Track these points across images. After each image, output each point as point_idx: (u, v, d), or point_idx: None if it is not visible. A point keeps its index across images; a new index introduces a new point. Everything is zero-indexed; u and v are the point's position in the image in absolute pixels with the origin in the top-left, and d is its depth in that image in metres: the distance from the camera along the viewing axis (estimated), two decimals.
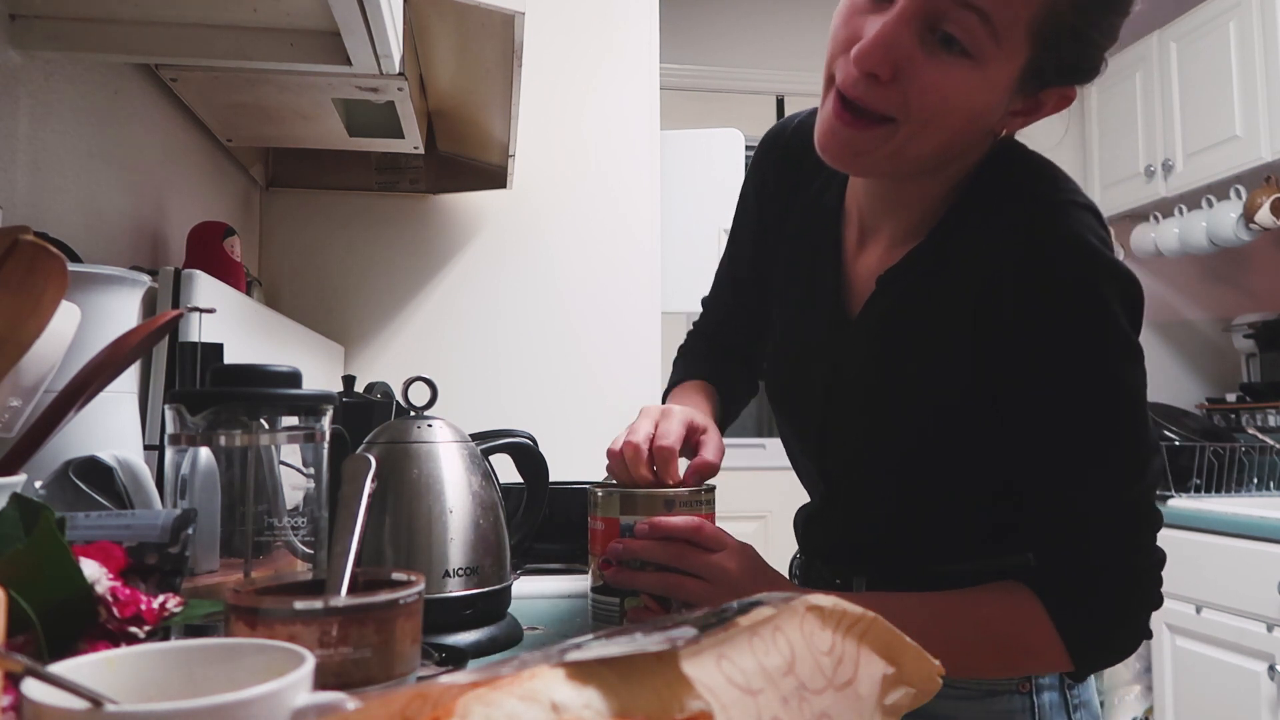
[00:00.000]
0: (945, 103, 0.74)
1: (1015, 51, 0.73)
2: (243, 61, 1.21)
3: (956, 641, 0.79)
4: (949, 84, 0.73)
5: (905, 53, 0.72)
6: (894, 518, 0.91)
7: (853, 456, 0.92)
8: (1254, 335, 3.33)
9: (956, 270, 0.81)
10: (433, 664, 0.71)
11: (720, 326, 1.15)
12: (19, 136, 1.08)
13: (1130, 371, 0.78)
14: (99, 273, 0.87)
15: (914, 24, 0.72)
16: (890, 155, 0.78)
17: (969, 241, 0.81)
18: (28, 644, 0.49)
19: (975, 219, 0.82)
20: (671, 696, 0.38)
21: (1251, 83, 2.82)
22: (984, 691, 0.89)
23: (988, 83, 0.74)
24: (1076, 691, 0.90)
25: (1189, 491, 2.80)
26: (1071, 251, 0.76)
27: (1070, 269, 0.76)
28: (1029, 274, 0.76)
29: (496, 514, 0.86)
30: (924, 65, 0.72)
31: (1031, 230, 0.77)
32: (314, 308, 2.13)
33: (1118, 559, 0.79)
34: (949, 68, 0.73)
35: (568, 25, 2.25)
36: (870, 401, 0.89)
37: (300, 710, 0.39)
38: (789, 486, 1.09)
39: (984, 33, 0.71)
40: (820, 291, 0.95)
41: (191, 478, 0.75)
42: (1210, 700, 2.49)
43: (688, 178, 2.39)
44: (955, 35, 0.71)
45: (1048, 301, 0.76)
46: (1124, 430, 0.78)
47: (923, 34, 0.72)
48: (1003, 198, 0.81)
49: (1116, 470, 0.78)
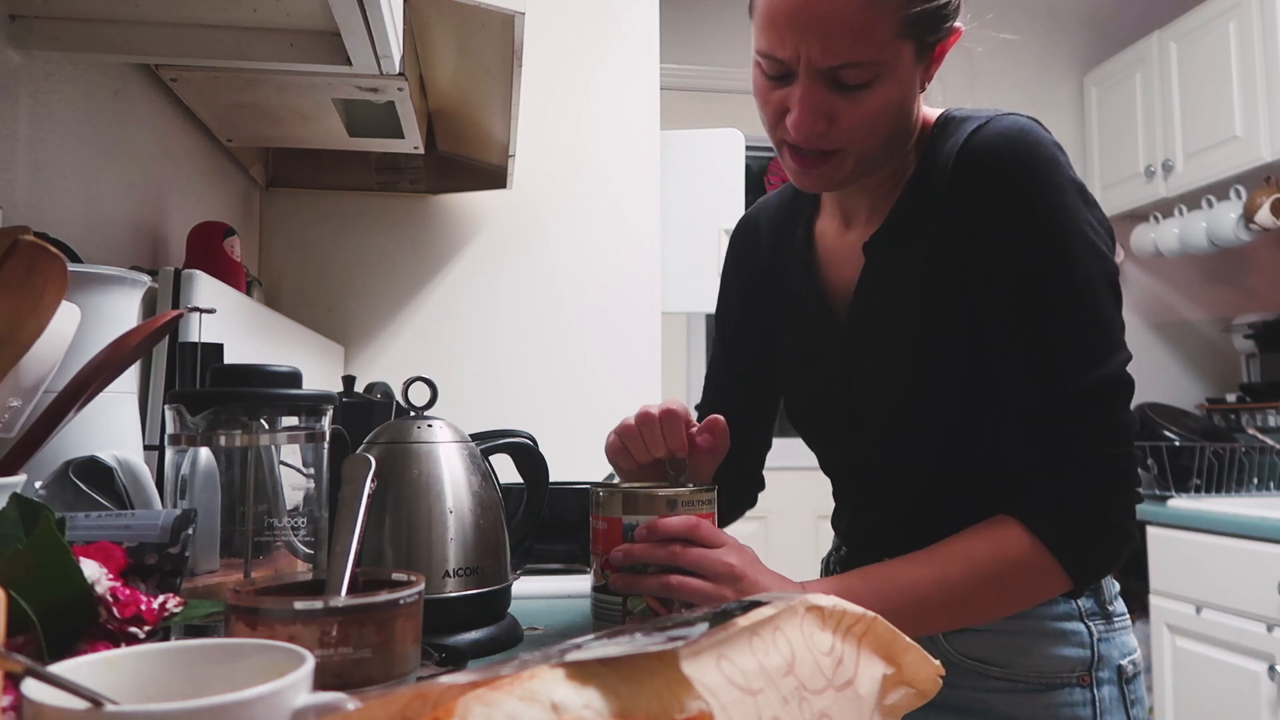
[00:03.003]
0: (875, 121, 0.86)
1: (901, 52, 0.84)
2: (243, 61, 1.21)
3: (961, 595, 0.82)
4: (871, 108, 0.85)
5: (828, 106, 0.85)
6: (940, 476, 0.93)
7: (888, 428, 0.94)
8: (1254, 335, 3.33)
9: (928, 214, 0.89)
10: (433, 664, 0.71)
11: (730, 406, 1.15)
12: (19, 136, 1.08)
13: (1078, 244, 0.83)
14: (99, 273, 0.87)
15: (821, 84, 0.84)
16: (853, 168, 0.89)
17: (932, 184, 0.89)
18: (28, 644, 0.49)
19: (933, 167, 0.90)
20: (671, 696, 0.38)
21: (1251, 83, 2.82)
22: (1044, 685, 0.90)
23: (897, 84, 0.85)
24: (1133, 687, 0.92)
25: (1189, 491, 2.80)
26: (1004, 129, 0.86)
27: (1005, 140, 0.85)
28: (970, 165, 0.86)
29: (496, 514, 0.86)
30: (846, 107, 0.85)
31: (967, 138, 0.87)
32: (314, 308, 2.13)
33: (1085, 447, 0.82)
34: (863, 98, 0.84)
35: (568, 25, 2.25)
36: (887, 366, 0.92)
37: (300, 710, 0.39)
38: (789, 487, 1.10)
39: (870, 68, 0.83)
40: (814, 289, 1.00)
41: (191, 478, 0.75)
42: (1210, 700, 2.49)
43: (688, 178, 2.39)
44: (851, 81, 0.83)
45: (991, 181, 0.85)
46: (1081, 306, 0.83)
47: (831, 86, 0.84)
48: (947, 137, 0.90)
49: (1078, 352, 0.82)
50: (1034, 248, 0.83)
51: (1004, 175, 0.84)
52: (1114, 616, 0.93)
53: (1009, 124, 0.86)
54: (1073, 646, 0.90)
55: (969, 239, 0.86)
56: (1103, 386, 0.82)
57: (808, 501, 3.15)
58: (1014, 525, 0.83)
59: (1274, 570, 2.28)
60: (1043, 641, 0.90)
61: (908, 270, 0.90)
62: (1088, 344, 0.83)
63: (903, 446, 0.94)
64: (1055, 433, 0.83)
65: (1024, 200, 0.84)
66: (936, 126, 0.93)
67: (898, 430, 0.94)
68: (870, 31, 0.81)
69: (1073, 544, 0.81)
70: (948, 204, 0.87)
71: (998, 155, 0.85)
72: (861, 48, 0.81)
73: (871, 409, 0.96)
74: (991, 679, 0.91)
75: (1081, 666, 0.90)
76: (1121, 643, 0.92)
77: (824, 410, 1.01)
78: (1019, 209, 0.84)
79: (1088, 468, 0.82)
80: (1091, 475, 0.82)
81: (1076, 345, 0.83)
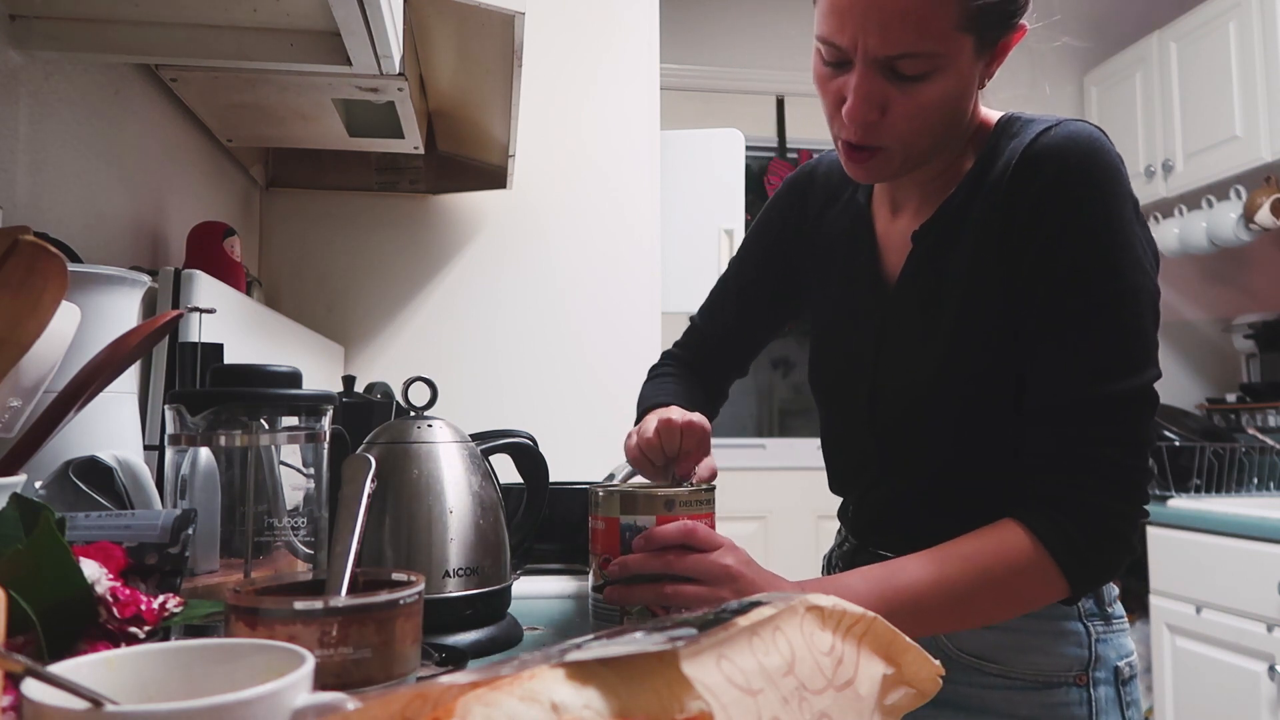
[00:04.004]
0: (929, 115, 0.86)
1: (961, 45, 0.83)
2: (243, 62, 1.21)
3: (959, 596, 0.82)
4: (925, 101, 0.85)
5: (882, 96, 0.85)
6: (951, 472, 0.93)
7: (905, 413, 0.95)
8: (1254, 335, 3.33)
9: (982, 207, 0.89)
10: (433, 664, 0.71)
11: (709, 351, 1.21)
12: (19, 136, 1.08)
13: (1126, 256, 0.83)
14: (99, 273, 0.87)
15: (877, 73, 0.84)
16: (904, 163, 0.90)
17: (990, 180, 0.89)
18: (28, 644, 0.49)
19: (993, 165, 0.90)
20: (671, 696, 0.38)
21: (1251, 83, 2.82)
22: (1041, 684, 0.90)
23: (955, 78, 0.85)
24: (1129, 689, 0.92)
25: (1189, 492, 2.80)
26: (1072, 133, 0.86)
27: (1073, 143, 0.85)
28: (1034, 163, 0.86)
29: (496, 514, 0.86)
30: (900, 98, 0.85)
31: (1034, 138, 0.87)
32: (314, 308, 2.13)
33: (1103, 453, 0.82)
34: (919, 90, 0.84)
35: (568, 25, 2.25)
36: (918, 351, 0.92)
37: (300, 710, 0.39)
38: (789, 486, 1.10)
39: (928, 59, 0.82)
40: (860, 263, 1.01)
41: (191, 478, 0.75)
42: (1210, 700, 2.49)
43: (688, 178, 2.39)
44: (908, 72, 0.83)
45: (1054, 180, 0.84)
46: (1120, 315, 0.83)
47: (888, 76, 0.84)
48: (1011, 137, 0.91)
49: (1114, 359, 0.82)
50: (1087, 251, 0.83)
51: (1067, 177, 0.84)
52: (1113, 618, 0.93)
53: (1077, 129, 0.86)
54: (1071, 646, 0.90)
55: (1023, 234, 0.85)
56: (1131, 396, 0.82)
57: (808, 501, 3.14)
58: (1016, 527, 0.82)
59: (1274, 570, 2.28)
60: (1042, 640, 0.90)
61: (955, 261, 0.90)
62: (1124, 352, 0.83)
63: (918, 427, 0.94)
64: (1077, 434, 0.82)
65: (1084, 204, 0.84)
66: (999, 126, 0.93)
67: (916, 412, 0.94)
68: (930, 22, 0.80)
69: (1075, 548, 0.81)
70: (1006, 198, 0.87)
71: (1063, 157, 0.84)
72: (920, 38, 0.81)
73: (894, 392, 0.96)
74: (989, 676, 0.91)
75: (1079, 666, 0.90)
76: (1119, 644, 0.93)
77: (847, 376, 1.02)
78: (1078, 211, 0.84)
79: (1103, 474, 0.82)
80: (1105, 482, 0.82)
81: (1114, 352, 0.83)
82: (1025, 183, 0.86)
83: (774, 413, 3.79)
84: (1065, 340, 0.84)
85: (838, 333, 1.04)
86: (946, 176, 0.95)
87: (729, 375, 1.23)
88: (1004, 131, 0.92)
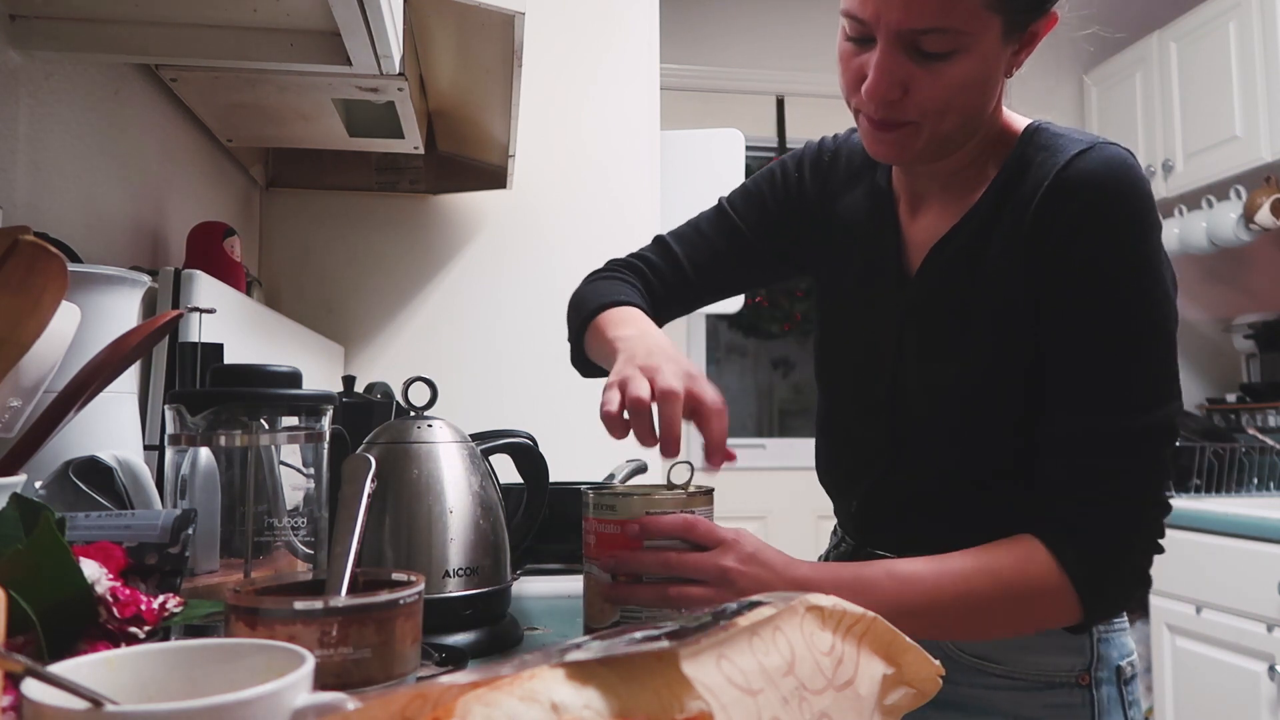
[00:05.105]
0: (952, 96, 0.83)
1: (988, 25, 0.81)
2: (243, 61, 1.21)
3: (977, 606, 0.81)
4: (948, 81, 0.82)
5: (904, 74, 0.82)
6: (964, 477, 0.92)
7: (925, 409, 0.93)
8: (1254, 335, 3.33)
9: (1009, 224, 0.88)
10: (433, 664, 0.71)
11: (671, 272, 1.13)
12: (19, 136, 1.08)
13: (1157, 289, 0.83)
14: (99, 273, 0.87)
15: (900, 50, 0.81)
16: (926, 144, 0.87)
17: (1019, 197, 0.88)
18: (28, 644, 0.49)
19: (1021, 180, 0.88)
20: (671, 696, 0.38)
21: (1251, 83, 2.82)
22: (1044, 683, 0.90)
23: (979, 60, 0.82)
24: (1131, 689, 0.92)
25: (1189, 492, 2.80)
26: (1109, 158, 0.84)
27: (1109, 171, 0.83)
28: (1072, 188, 0.84)
29: (496, 514, 0.86)
30: (922, 76, 0.82)
31: (1070, 160, 0.85)
32: (314, 308, 2.13)
33: (1126, 484, 0.81)
34: (942, 70, 0.82)
35: (568, 25, 2.25)
36: (946, 356, 0.91)
37: (300, 710, 0.39)
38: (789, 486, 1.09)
39: (953, 37, 0.80)
40: (882, 255, 0.99)
41: (191, 478, 0.75)
42: (1210, 700, 2.49)
43: (688, 178, 2.39)
44: (931, 50, 0.81)
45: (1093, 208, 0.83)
46: (1147, 348, 0.83)
47: (910, 53, 0.82)
48: (1040, 150, 0.89)
49: (1144, 391, 0.82)
50: (1123, 281, 0.83)
51: (1104, 207, 0.83)
52: (1114, 618, 0.93)
53: (1114, 154, 0.84)
54: (1073, 646, 0.90)
55: (1054, 259, 0.84)
56: (1156, 428, 0.82)
57: (808, 501, 3.14)
58: (1040, 548, 0.82)
59: (1274, 570, 2.28)
60: (1044, 640, 0.90)
61: (981, 273, 0.89)
62: (1154, 384, 0.83)
63: (943, 429, 0.93)
64: (1102, 463, 0.82)
65: (1119, 236, 0.83)
66: (1025, 134, 0.91)
67: (944, 416, 0.92)
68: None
69: (1095, 580, 0.81)
70: (1035, 218, 0.85)
71: (1101, 186, 0.83)
72: (945, 13, 0.79)
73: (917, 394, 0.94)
74: (992, 676, 0.91)
75: (1081, 666, 0.90)
76: (1121, 644, 0.93)
77: (865, 370, 0.99)
78: (1112, 243, 0.83)
79: (1125, 504, 0.82)
80: (1126, 513, 0.82)
81: (1139, 385, 0.83)
82: (1059, 207, 0.84)
83: (774, 413, 3.79)
84: (1091, 370, 0.83)
85: (854, 321, 1.02)
86: (968, 176, 0.93)
87: (681, 304, 1.15)
88: (1031, 141, 0.90)
